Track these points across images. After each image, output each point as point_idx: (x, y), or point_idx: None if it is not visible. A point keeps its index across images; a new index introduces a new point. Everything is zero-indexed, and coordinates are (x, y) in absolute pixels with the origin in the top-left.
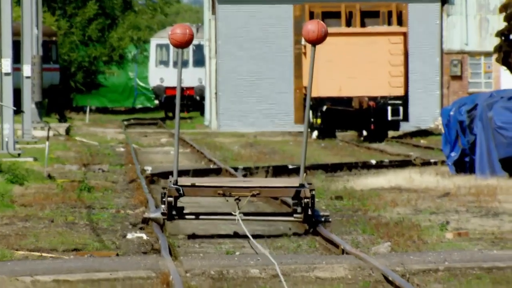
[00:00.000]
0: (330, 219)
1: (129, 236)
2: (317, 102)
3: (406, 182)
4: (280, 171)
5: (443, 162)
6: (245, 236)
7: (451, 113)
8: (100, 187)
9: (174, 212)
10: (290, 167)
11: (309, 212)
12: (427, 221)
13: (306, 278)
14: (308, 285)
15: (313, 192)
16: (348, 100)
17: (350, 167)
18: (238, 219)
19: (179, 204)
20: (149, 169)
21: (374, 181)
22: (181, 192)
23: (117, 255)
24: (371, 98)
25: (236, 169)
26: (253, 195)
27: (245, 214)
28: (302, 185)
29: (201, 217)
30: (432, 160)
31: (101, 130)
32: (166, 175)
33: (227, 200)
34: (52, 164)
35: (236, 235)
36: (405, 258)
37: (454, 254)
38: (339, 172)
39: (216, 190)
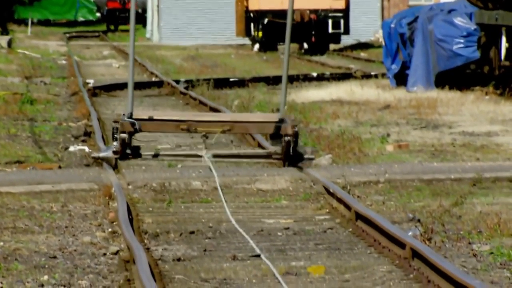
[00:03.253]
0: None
1: (71, 148)
2: (259, 15)
3: (347, 94)
4: (221, 83)
5: (383, 75)
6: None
7: (392, 25)
8: (42, 99)
9: (128, 151)
10: (231, 79)
11: (291, 153)
12: (367, 134)
13: (248, 190)
14: (250, 197)
15: (296, 129)
16: None
17: (292, 80)
18: (206, 160)
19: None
20: (91, 82)
21: (315, 93)
22: (137, 127)
23: (60, 167)
24: (312, 11)
25: (178, 81)
26: (223, 132)
27: (214, 156)
28: (282, 120)
29: (161, 157)
30: (372, 73)
31: (43, 42)
32: (108, 88)
33: (192, 137)
34: None
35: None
36: (346, 170)
37: (394, 166)
38: (280, 84)
39: (178, 124)
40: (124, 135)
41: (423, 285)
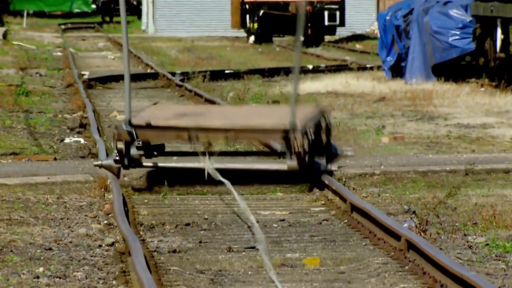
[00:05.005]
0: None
1: (66, 140)
2: (254, 7)
3: (342, 86)
4: (216, 76)
5: (379, 67)
6: None
7: (387, 17)
8: (37, 91)
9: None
10: (227, 71)
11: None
12: (363, 126)
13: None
14: (245, 189)
15: (313, 136)
16: (285, 5)
17: (287, 72)
18: (211, 172)
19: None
20: (86, 73)
21: (311, 85)
22: (135, 136)
23: (55, 159)
24: (308, 3)
25: (173, 74)
26: (226, 141)
27: (220, 153)
28: (292, 126)
29: (160, 165)
30: (368, 65)
31: (39, 34)
32: (103, 80)
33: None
34: None
35: None
36: (341, 162)
37: (390, 158)
38: (276, 77)
39: (179, 134)
40: (121, 146)
41: (418, 276)
